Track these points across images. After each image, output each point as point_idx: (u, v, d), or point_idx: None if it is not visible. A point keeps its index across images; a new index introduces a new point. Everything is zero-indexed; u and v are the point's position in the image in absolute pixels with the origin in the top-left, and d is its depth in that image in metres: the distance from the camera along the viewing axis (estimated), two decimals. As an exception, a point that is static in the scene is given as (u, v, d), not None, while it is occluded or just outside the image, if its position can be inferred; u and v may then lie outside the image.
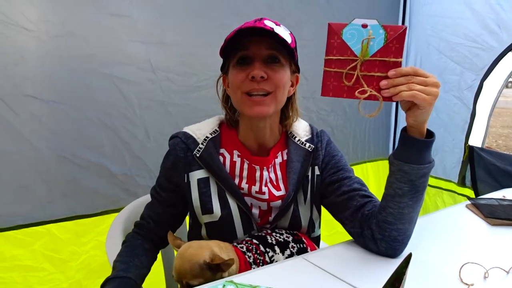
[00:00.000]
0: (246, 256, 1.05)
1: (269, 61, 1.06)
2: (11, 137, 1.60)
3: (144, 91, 1.90)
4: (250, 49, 1.05)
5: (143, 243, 1.18)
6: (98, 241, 1.84)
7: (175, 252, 1.01)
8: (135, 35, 1.84)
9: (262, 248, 1.07)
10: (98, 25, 1.73)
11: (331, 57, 0.91)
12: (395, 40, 0.86)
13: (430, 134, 0.95)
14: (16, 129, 1.60)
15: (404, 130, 0.96)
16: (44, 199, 1.71)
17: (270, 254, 1.07)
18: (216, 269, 0.95)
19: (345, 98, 0.91)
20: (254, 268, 1.04)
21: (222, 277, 0.96)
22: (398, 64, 0.86)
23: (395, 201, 0.99)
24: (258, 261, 1.05)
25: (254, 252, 1.06)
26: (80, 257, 1.82)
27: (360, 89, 0.89)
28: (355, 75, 0.88)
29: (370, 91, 0.88)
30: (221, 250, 1.00)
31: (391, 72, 0.86)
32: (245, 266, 1.03)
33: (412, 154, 0.95)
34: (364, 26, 0.87)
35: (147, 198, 1.25)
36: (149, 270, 1.15)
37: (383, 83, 0.87)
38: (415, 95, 0.84)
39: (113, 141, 1.85)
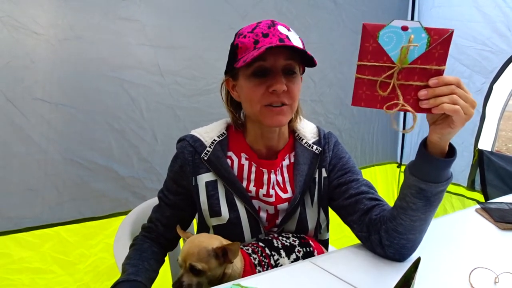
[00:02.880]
0: (252, 258, 1.05)
1: (286, 72, 1.04)
2: (20, 140, 1.61)
3: (153, 95, 1.91)
4: (268, 59, 1.01)
5: (151, 246, 1.18)
6: (106, 243, 1.85)
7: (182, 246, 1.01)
8: (143, 39, 1.85)
9: (267, 251, 1.07)
10: (107, 29, 1.75)
11: (365, 63, 0.80)
12: (439, 46, 0.76)
13: (451, 151, 0.88)
14: (25, 132, 1.62)
15: (424, 144, 0.89)
16: (52, 202, 1.72)
17: (276, 257, 1.07)
18: (222, 258, 0.96)
19: (378, 109, 0.81)
20: (259, 270, 1.04)
21: (225, 273, 0.98)
22: (441, 73, 0.77)
23: (407, 214, 0.95)
24: (263, 263, 1.05)
25: (259, 255, 1.06)
26: (88, 259, 1.83)
27: (390, 103, 0.80)
28: (391, 84, 0.79)
29: (403, 105, 0.79)
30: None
31: (432, 81, 0.77)
32: (250, 268, 1.03)
33: (430, 172, 0.89)
34: (404, 28, 0.77)
35: (155, 200, 1.26)
36: (157, 274, 1.15)
37: (422, 93, 0.78)
38: (457, 110, 0.76)
39: (122, 144, 1.86)
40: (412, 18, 2.88)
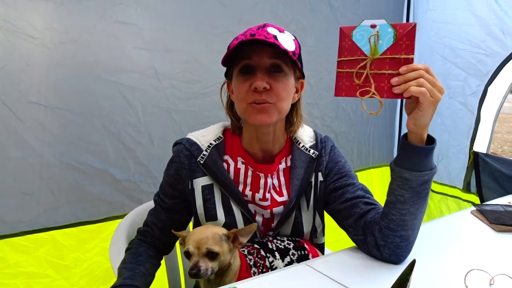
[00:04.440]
0: (247, 259, 1.05)
1: (272, 70, 1.05)
2: (15, 143, 1.61)
3: (149, 98, 1.91)
4: (253, 58, 1.04)
5: (147, 250, 1.18)
6: (101, 247, 1.84)
7: (179, 253, 1.01)
8: (140, 42, 1.85)
9: (262, 253, 1.08)
10: (102, 32, 1.75)
11: (342, 59, 0.92)
12: (405, 37, 0.86)
13: (431, 141, 0.94)
14: (21, 136, 1.61)
15: (405, 136, 0.95)
16: (48, 206, 1.71)
17: (270, 259, 1.07)
18: (232, 243, 1.00)
19: (356, 97, 0.90)
20: (254, 271, 1.04)
21: (229, 262, 1.00)
22: (410, 61, 0.86)
23: (396, 207, 0.98)
24: (259, 264, 1.06)
25: (255, 256, 1.06)
26: (83, 263, 1.82)
27: (362, 89, 0.89)
28: (365, 73, 0.89)
29: (373, 92, 0.88)
30: None
31: (402, 68, 0.86)
32: (245, 268, 1.04)
33: (412, 161, 0.94)
34: (373, 26, 0.89)
35: (151, 204, 1.25)
36: (153, 278, 1.15)
37: (394, 80, 0.86)
38: (423, 92, 0.84)
39: (118, 148, 1.86)
40: (407, 21, 2.89)
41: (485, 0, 2.37)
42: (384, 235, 1.01)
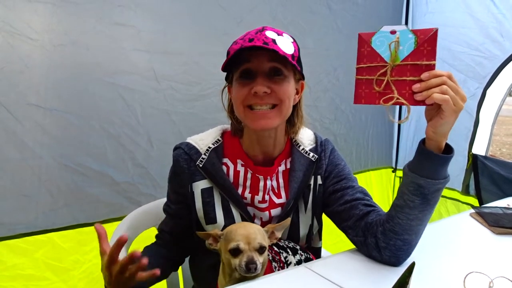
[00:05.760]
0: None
1: (272, 74, 1.05)
2: (14, 145, 1.60)
3: (148, 100, 1.91)
4: (252, 62, 1.04)
5: (158, 248, 1.21)
6: (100, 249, 1.83)
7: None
8: (138, 44, 1.85)
9: (276, 249, 1.09)
10: (101, 34, 1.75)
11: (361, 65, 0.90)
12: (426, 43, 0.84)
13: (449, 150, 0.92)
14: (20, 138, 1.61)
15: (423, 142, 0.93)
16: (46, 208, 1.71)
17: (284, 255, 1.09)
18: (269, 236, 1.02)
19: (378, 104, 0.89)
20: (274, 265, 1.06)
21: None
22: (432, 67, 0.84)
23: (404, 212, 0.97)
24: (276, 259, 1.07)
25: (270, 251, 1.07)
26: (82, 265, 1.82)
27: (386, 97, 0.87)
28: (385, 80, 0.87)
29: (397, 98, 0.86)
30: None
31: (424, 75, 0.84)
32: (270, 263, 1.05)
33: (428, 168, 0.92)
34: (393, 32, 0.87)
35: (150, 206, 1.26)
36: (162, 270, 1.11)
37: (416, 86, 0.84)
38: (446, 100, 0.81)
39: (116, 150, 1.85)
40: (406, 24, 2.90)
41: (484, 3, 2.38)
42: (387, 237, 1.01)
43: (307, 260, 1.11)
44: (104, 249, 0.92)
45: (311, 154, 1.18)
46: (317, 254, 1.24)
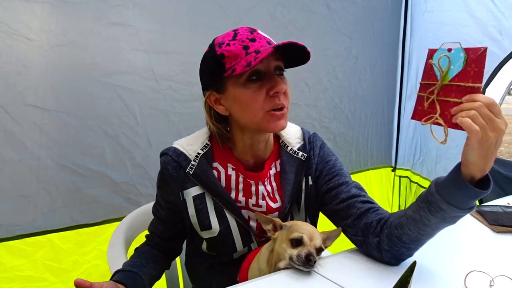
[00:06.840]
0: None
1: (277, 73, 1.02)
2: (12, 146, 1.60)
3: (146, 100, 1.90)
4: (262, 62, 0.96)
5: (151, 249, 1.21)
6: (100, 250, 1.83)
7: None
8: (137, 44, 1.85)
9: None
10: (100, 34, 1.74)
11: (423, 82, 0.89)
12: (474, 63, 0.78)
13: (486, 183, 0.84)
14: (18, 138, 1.61)
15: (460, 164, 0.86)
16: (45, 208, 1.70)
17: None
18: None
19: (421, 122, 0.87)
20: None
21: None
22: (477, 90, 0.77)
23: (417, 227, 0.93)
24: None
25: None
26: (81, 266, 1.81)
27: (428, 116, 0.85)
28: (430, 99, 0.85)
29: (436, 118, 0.83)
30: None
31: (465, 98, 0.78)
32: None
33: (454, 196, 0.85)
34: (449, 50, 0.83)
35: (149, 206, 1.25)
36: (157, 272, 1.17)
37: (454, 109, 0.79)
38: (469, 126, 0.75)
39: (115, 150, 1.85)
40: (405, 22, 2.90)
41: (483, 1, 2.37)
42: (392, 242, 0.99)
43: None
44: None
45: (300, 153, 1.16)
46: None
